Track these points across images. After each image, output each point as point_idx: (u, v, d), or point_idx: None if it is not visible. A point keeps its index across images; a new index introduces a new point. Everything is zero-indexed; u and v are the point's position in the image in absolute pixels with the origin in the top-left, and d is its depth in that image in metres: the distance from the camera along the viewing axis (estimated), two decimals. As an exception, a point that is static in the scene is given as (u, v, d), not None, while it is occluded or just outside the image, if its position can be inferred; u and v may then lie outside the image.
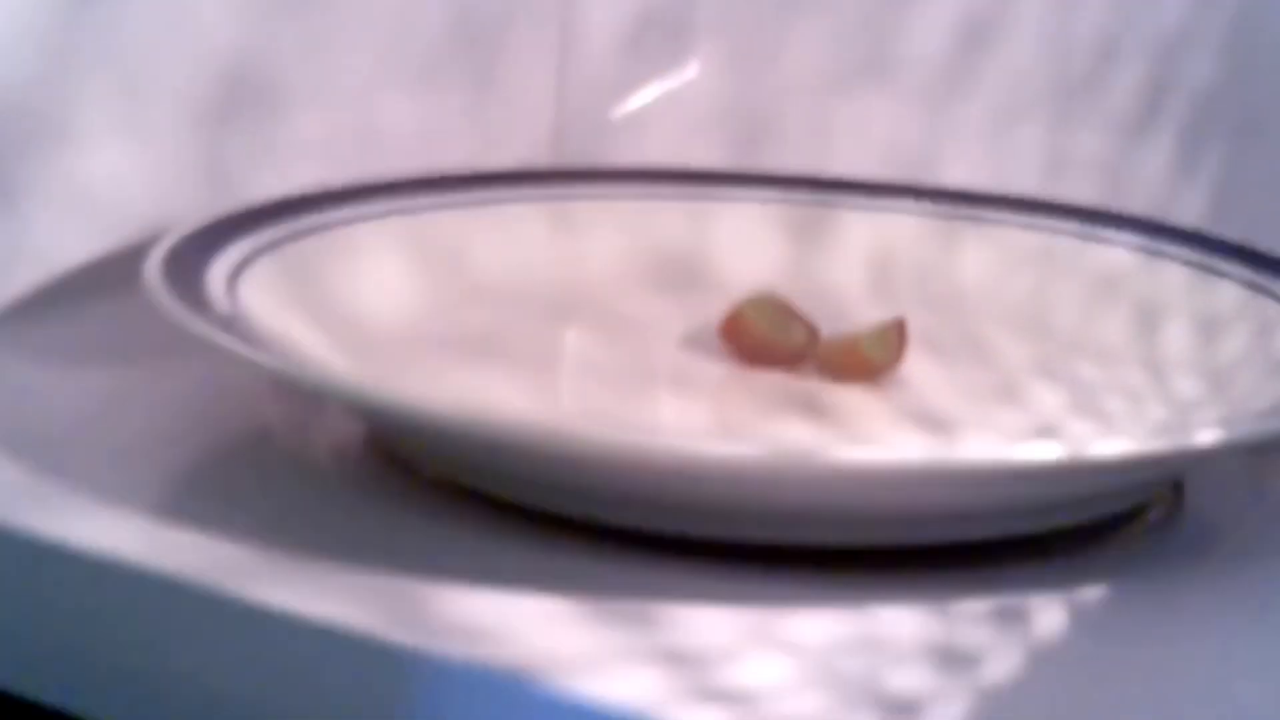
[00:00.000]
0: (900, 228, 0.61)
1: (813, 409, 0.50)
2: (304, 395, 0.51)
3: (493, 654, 0.37)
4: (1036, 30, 0.68)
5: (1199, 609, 0.41)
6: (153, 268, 0.49)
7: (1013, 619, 0.40)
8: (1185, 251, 0.58)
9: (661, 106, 0.74)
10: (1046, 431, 0.48)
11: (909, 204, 0.62)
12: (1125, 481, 0.43)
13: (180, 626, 0.40)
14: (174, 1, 0.58)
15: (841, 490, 0.40)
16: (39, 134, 0.55)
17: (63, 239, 0.56)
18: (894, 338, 0.52)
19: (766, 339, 0.53)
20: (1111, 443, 0.40)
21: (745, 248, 0.61)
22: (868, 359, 0.52)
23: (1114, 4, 0.67)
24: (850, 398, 0.51)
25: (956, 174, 0.69)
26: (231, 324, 0.47)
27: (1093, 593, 0.41)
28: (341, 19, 0.63)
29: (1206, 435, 0.41)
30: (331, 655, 0.38)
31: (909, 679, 0.37)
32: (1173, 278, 0.57)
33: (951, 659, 0.38)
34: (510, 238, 0.59)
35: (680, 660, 0.37)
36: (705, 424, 0.49)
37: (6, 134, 0.54)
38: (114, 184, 0.58)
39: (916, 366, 0.53)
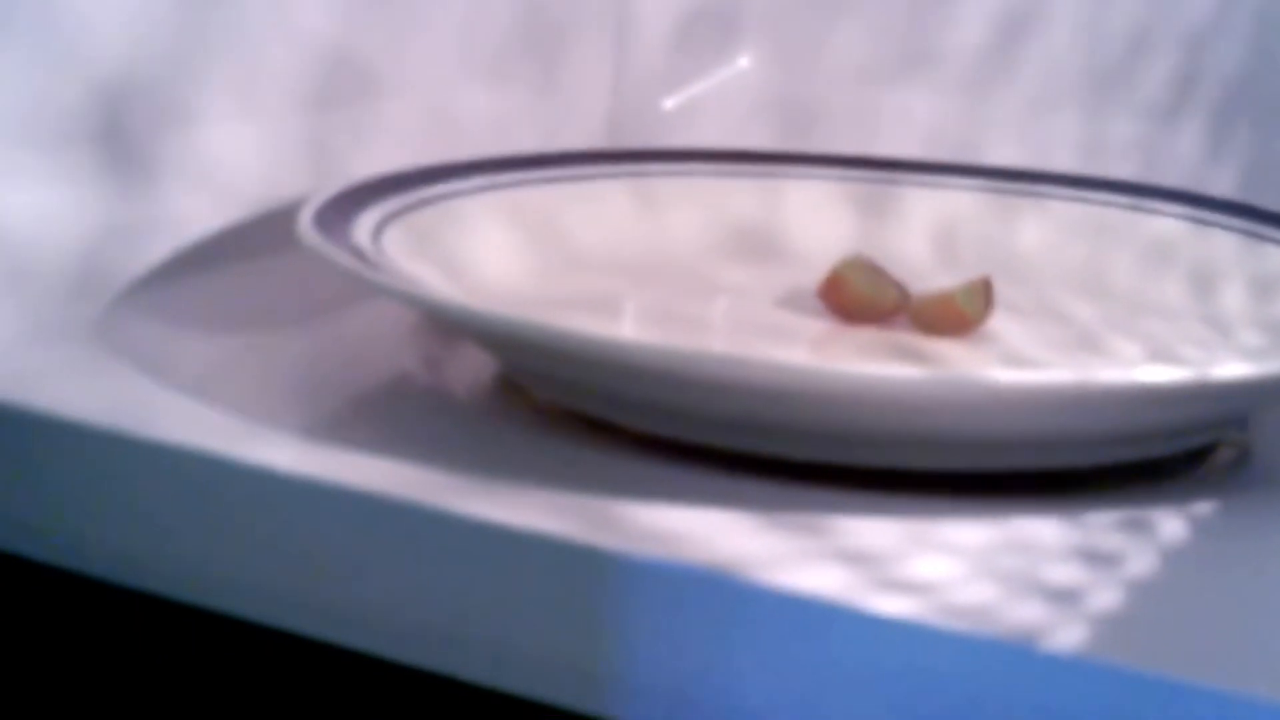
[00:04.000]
0: (959, 203, 0.64)
1: (914, 358, 0.54)
2: (443, 337, 0.55)
3: (690, 555, 0.41)
4: (1071, 22, 0.71)
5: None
6: (306, 229, 0.52)
7: (1139, 528, 0.44)
8: (1232, 220, 0.62)
9: (712, 97, 0.76)
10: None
11: (965, 180, 0.65)
12: (1230, 407, 0.47)
13: (373, 540, 0.44)
14: (282, 1, 0.62)
15: (992, 413, 0.44)
16: (170, 115, 0.58)
17: (192, 211, 0.59)
18: (983, 294, 0.56)
19: (864, 297, 0.57)
20: (1231, 366, 0.44)
21: (815, 222, 0.64)
22: (961, 312, 0.56)
23: (1145, -3, 0.70)
24: (947, 349, 0.55)
25: (997, 159, 0.71)
26: (393, 272, 0.50)
27: (1204, 506, 0.46)
28: (423, 18, 0.67)
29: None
30: (530, 562, 0.42)
31: (1062, 574, 0.41)
32: (1222, 244, 0.61)
33: (1094, 559, 0.42)
34: (599, 212, 0.62)
35: (856, 560, 0.41)
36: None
37: (143, 115, 0.57)
38: (233, 162, 0.61)
39: (999, 323, 0.57)
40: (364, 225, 0.55)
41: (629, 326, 0.56)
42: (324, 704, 0.46)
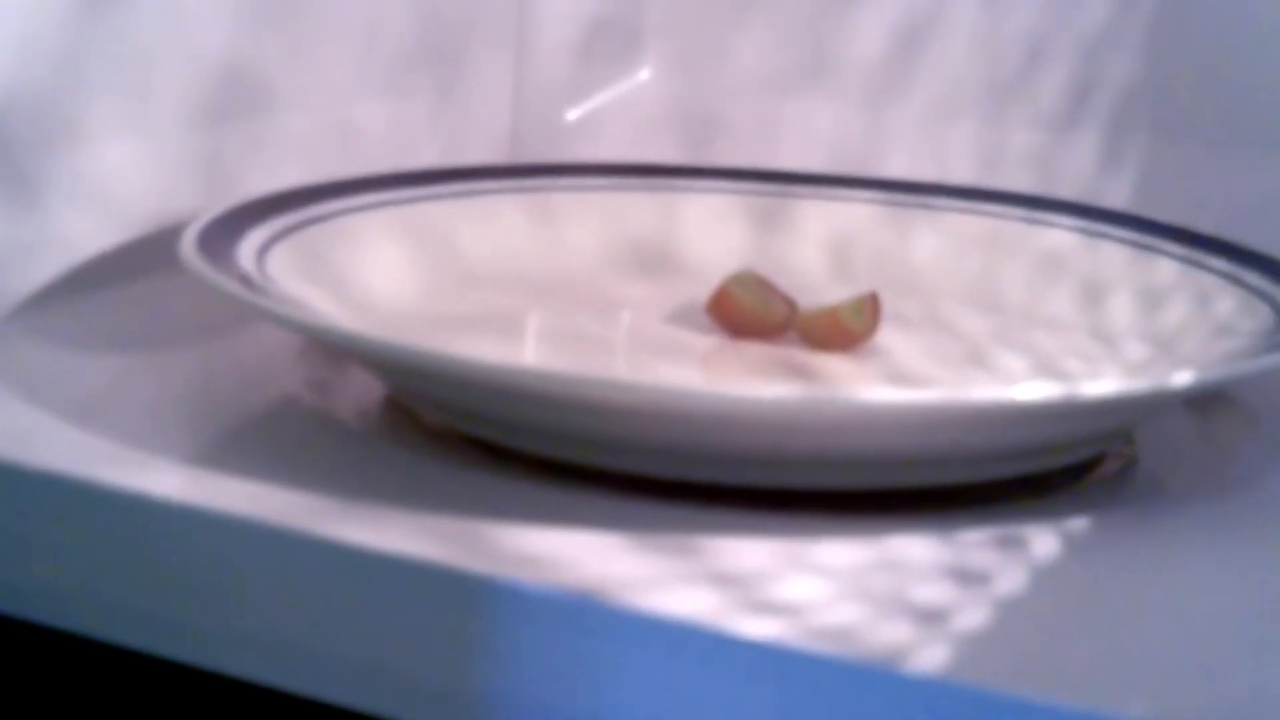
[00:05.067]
0: (854, 215, 0.65)
1: (801, 374, 0.54)
2: (332, 359, 0.54)
3: (559, 578, 0.41)
4: (969, 32, 0.71)
5: (1162, 535, 0.46)
6: (188, 249, 0.52)
7: (1013, 545, 0.44)
8: (1123, 232, 0.62)
9: (614, 108, 0.76)
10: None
11: (861, 193, 0.65)
12: (1104, 423, 0.47)
13: (253, 566, 0.43)
14: (173, 11, 0.61)
15: (860, 432, 0.44)
16: (56, 132, 0.58)
17: (80, 230, 0.59)
18: (870, 309, 0.56)
19: (751, 312, 0.57)
20: (1102, 383, 0.44)
21: (711, 235, 0.64)
22: (847, 328, 0.56)
23: (1041, 7, 0.69)
24: (833, 365, 0.55)
25: (897, 168, 0.71)
26: (274, 295, 0.50)
27: (1081, 522, 0.46)
28: (320, 30, 0.66)
29: (1182, 376, 0.45)
30: (402, 587, 0.42)
31: (930, 594, 0.41)
32: (1113, 256, 0.61)
33: (964, 578, 0.42)
34: (494, 227, 0.62)
35: (726, 582, 0.41)
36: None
37: (28, 131, 0.57)
38: (123, 179, 0.60)
39: (888, 338, 0.57)
40: (250, 245, 0.54)
41: (521, 344, 0.56)
42: (204, 729, 0.46)
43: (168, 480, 0.45)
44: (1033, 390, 0.44)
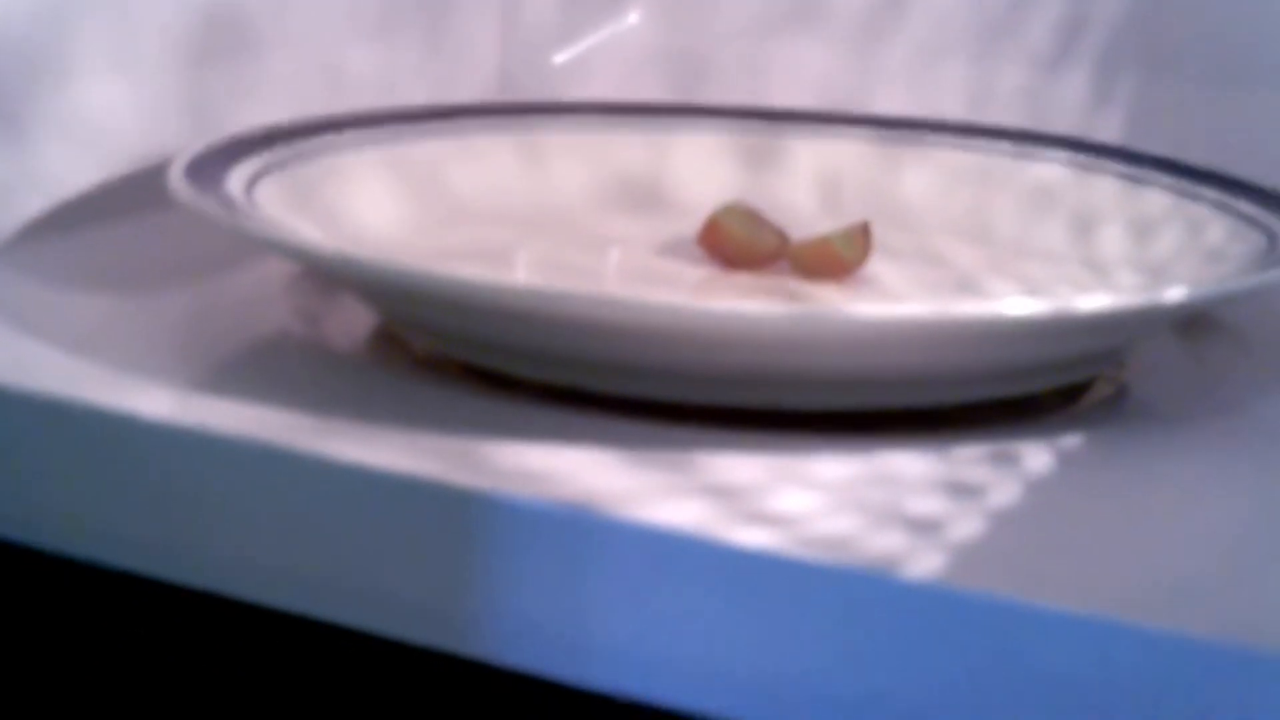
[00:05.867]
0: (844, 152, 0.64)
1: (791, 301, 0.54)
2: (321, 291, 0.54)
3: (551, 493, 0.40)
4: (958, -28, 0.71)
5: (1153, 453, 0.46)
6: (176, 180, 0.52)
7: (1006, 461, 0.44)
8: (1113, 164, 0.62)
9: (602, 52, 0.76)
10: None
11: (851, 130, 0.65)
12: (1097, 341, 0.47)
13: (245, 486, 0.43)
14: None
15: (852, 348, 0.44)
16: (42, 68, 0.58)
17: (65, 167, 0.59)
18: (861, 238, 0.56)
19: (743, 242, 0.57)
20: (1094, 298, 0.44)
21: (701, 173, 0.64)
22: (839, 256, 0.56)
23: (1030, -54, 0.70)
24: (825, 294, 0.55)
25: (887, 108, 0.72)
26: (261, 221, 0.50)
27: (1074, 440, 0.46)
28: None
29: (1175, 292, 0.45)
30: (394, 503, 0.41)
31: (924, 506, 0.41)
32: (1103, 188, 0.61)
33: (958, 491, 0.42)
34: (483, 165, 0.62)
35: (719, 495, 0.41)
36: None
37: (13, 67, 0.57)
38: (109, 116, 0.60)
39: (878, 268, 0.57)
40: (238, 178, 0.54)
41: (507, 276, 0.56)
42: (204, 652, 0.46)
43: (160, 403, 0.45)
44: (1024, 305, 0.43)
